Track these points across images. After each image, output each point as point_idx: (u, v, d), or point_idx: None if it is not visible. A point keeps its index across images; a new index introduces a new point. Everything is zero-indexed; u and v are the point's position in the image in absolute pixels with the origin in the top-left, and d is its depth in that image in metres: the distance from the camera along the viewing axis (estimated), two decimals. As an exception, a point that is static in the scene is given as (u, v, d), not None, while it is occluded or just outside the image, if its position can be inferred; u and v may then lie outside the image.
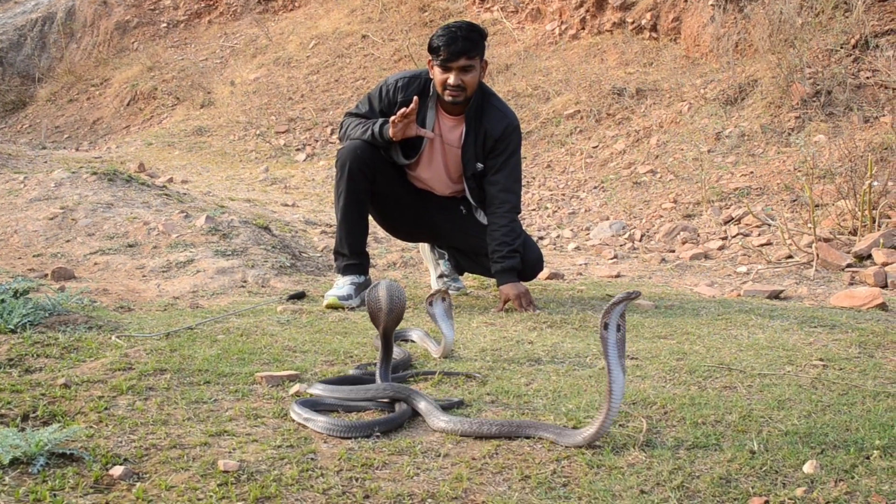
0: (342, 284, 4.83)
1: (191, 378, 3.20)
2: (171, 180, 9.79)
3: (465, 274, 5.42)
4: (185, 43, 17.73)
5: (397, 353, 3.51)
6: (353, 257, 4.88)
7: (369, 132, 4.72)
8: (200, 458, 2.47)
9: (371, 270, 5.50)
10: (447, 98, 4.71)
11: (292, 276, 5.51)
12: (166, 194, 7.19)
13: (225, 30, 17.76)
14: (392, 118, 4.64)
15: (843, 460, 2.47)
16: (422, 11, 15.19)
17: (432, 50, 4.68)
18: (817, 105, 9.14)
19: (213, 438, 2.62)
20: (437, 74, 4.70)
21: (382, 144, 4.75)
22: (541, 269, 5.16)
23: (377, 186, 4.85)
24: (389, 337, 3.25)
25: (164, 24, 18.24)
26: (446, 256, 5.31)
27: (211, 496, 2.24)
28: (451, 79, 4.65)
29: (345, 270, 4.89)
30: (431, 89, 4.78)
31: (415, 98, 4.62)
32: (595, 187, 9.42)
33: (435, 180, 4.96)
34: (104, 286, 5.02)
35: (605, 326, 2.56)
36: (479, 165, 4.86)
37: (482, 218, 4.95)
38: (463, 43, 4.61)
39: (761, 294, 5.46)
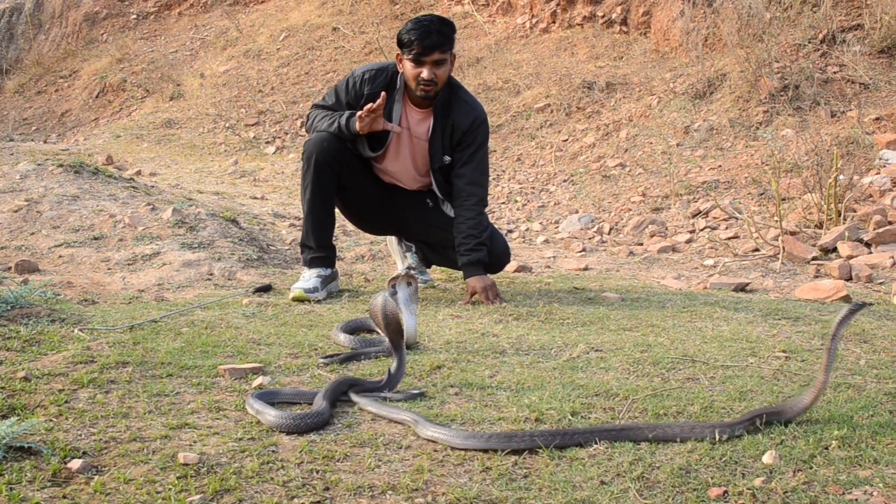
0: (308, 277, 4.81)
1: (153, 371, 3.18)
2: (139, 173, 9.73)
3: (433, 267, 5.42)
4: (155, 35, 17.59)
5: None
6: (319, 250, 4.86)
7: (336, 124, 4.71)
8: (160, 450, 2.45)
9: (339, 263, 5.49)
10: (419, 93, 4.68)
11: (259, 269, 5.49)
12: (133, 187, 7.13)
13: (195, 22, 17.64)
14: (359, 112, 4.62)
15: (801, 451, 2.49)
16: (393, 4, 15.16)
17: (403, 44, 4.63)
18: (785, 99, 9.21)
19: (174, 431, 2.61)
20: (408, 69, 4.66)
21: (349, 137, 4.73)
22: (508, 261, 5.16)
23: (344, 179, 4.83)
24: (395, 343, 3.21)
25: (134, 16, 18.10)
26: (413, 249, 5.30)
27: (170, 489, 2.23)
28: (425, 73, 4.61)
29: (311, 263, 4.87)
30: (399, 82, 4.76)
31: (382, 93, 4.60)
32: (564, 180, 9.44)
33: (402, 173, 4.95)
34: (68, 279, 4.97)
35: (833, 338, 2.69)
36: (447, 158, 4.84)
37: (449, 210, 4.94)
38: (437, 37, 4.57)
39: (727, 287, 5.49)
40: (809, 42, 9.91)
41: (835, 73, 9.51)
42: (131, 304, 4.56)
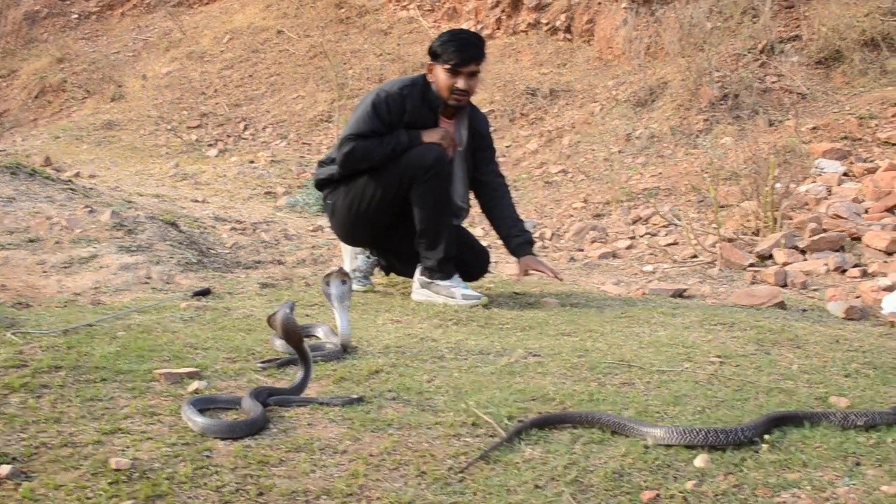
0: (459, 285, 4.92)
1: (87, 375, 3.13)
2: (77, 175, 9.59)
3: (375, 273, 5.38)
4: (97, 35, 17.37)
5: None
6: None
7: (392, 145, 4.70)
8: (92, 456, 2.42)
9: (280, 268, 5.46)
10: (452, 102, 4.80)
11: (199, 273, 5.43)
12: (71, 189, 7.02)
13: (138, 22, 17.46)
14: (445, 132, 4.77)
15: (732, 454, 2.53)
16: (338, 8, 15.12)
17: (440, 55, 4.74)
18: (725, 108, 9.34)
19: (107, 436, 2.57)
20: (443, 78, 4.76)
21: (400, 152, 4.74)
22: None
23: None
24: (298, 349, 3.19)
25: (76, 16, 17.86)
26: (367, 253, 5.25)
27: (101, 495, 2.20)
28: (461, 83, 4.75)
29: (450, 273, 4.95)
30: (434, 94, 4.83)
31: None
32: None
33: None
34: (2, 282, 4.88)
35: None
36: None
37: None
38: (474, 50, 4.75)
39: (665, 292, 5.55)
40: (749, 52, 10.07)
41: (773, 82, 9.67)
42: (67, 307, 4.49)
